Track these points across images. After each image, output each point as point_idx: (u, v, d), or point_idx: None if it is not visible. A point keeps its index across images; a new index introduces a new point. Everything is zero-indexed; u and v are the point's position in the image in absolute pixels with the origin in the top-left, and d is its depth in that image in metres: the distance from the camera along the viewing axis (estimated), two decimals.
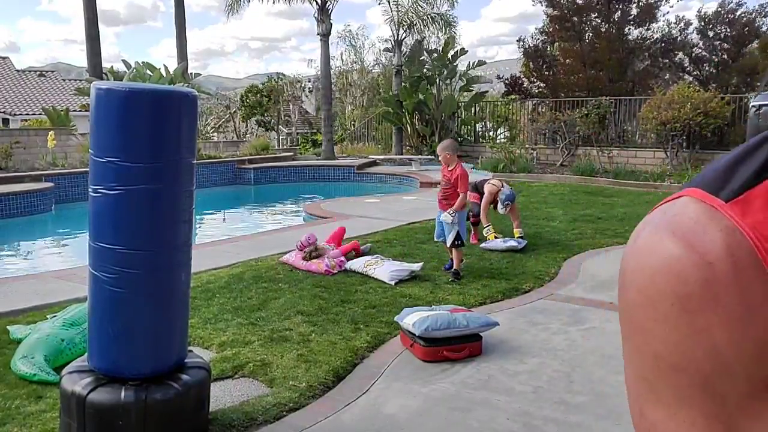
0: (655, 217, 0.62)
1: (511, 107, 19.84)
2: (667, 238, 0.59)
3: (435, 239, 6.37)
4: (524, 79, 20.48)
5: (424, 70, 18.89)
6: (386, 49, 21.76)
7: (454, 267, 5.99)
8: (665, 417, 0.60)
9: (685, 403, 0.59)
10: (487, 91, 20.70)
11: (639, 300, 0.60)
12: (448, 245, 6.02)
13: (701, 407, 0.58)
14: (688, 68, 19.14)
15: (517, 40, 20.54)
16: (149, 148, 2.84)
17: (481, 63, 19.88)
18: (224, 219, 13.02)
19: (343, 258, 6.43)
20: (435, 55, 18.75)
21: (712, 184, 0.60)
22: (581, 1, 18.99)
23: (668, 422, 0.60)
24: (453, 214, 5.85)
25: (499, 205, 7.43)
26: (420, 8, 19.21)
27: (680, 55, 19.13)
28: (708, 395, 0.58)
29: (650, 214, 0.63)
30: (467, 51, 19.92)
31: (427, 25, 19.41)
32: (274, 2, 18.31)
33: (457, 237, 5.89)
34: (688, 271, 0.56)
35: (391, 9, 19.14)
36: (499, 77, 22.14)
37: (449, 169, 5.91)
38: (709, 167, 0.62)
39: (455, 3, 19.55)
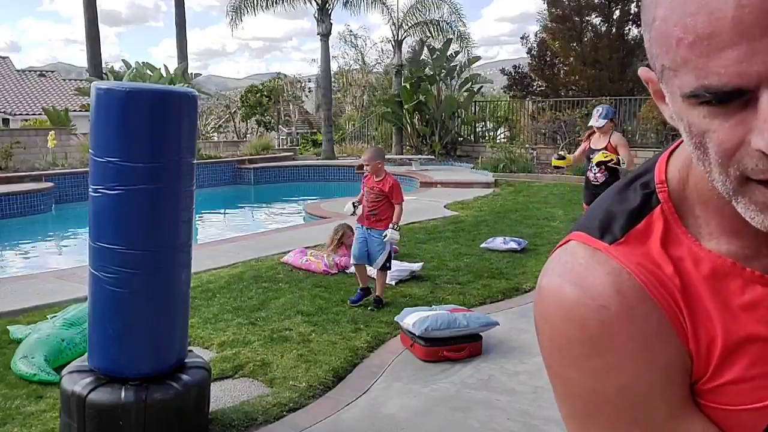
0: (551, 264, 0.66)
1: (511, 107, 19.85)
2: (563, 286, 0.63)
3: (355, 262, 5.30)
4: (530, 74, 20.47)
5: (426, 69, 18.88)
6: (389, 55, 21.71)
7: (377, 293, 5.21)
8: None
9: None
10: (482, 87, 20.66)
11: (551, 349, 0.65)
12: (378, 267, 5.18)
13: None
14: None
15: (521, 38, 20.63)
16: (149, 148, 2.84)
17: (476, 58, 19.85)
18: (224, 219, 13.02)
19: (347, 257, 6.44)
20: (436, 54, 18.72)
21: (595, 228, 0.65)
22: (583, 1, 19.01)
23: None
24: (398, 228, 5.17)
25: (594, 120, 5.88)
26: (420, 12, 19.18)
27: None
28: (633, 423, 0.61)
29: (548, 261, 0.67)
30: (480, 57, 19.99)
31: (433, 29, 19.36)
32: (271, 4, 18.32)
33: (387, 258, 5.20)
34: (585, 315, 0.61)
35: (389, 12, 19.15)
36: (503, 71, 22.14)
37: (378, 179, 5.19)
38: (590, 212, 0.68)
39: (459, 12, 19.48)
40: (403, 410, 3.51)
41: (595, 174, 5.84)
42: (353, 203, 5.39)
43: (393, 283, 5.80)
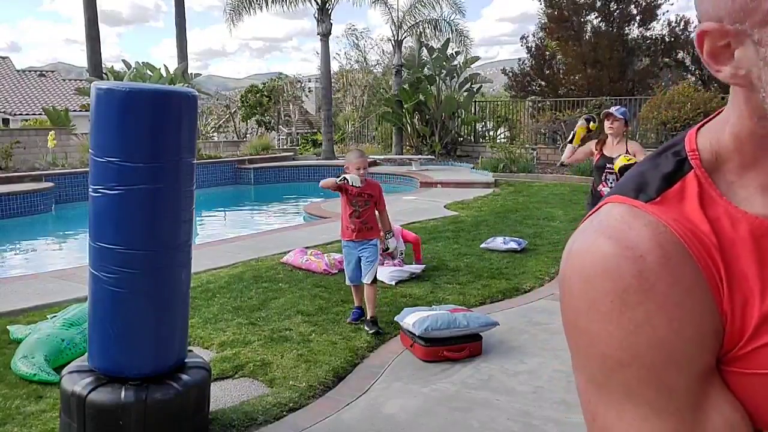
0: (584, 226, 0.66)
1: (511, 107, 19.85)
2: (598, 240, 0.62)
3: (351, 283, 4.84)
4: (531, 72, 20.48)
5: (425, 70, 18.88)
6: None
7: (371, 314, 4.66)
8: (616, 417, 0.61)
9: (635, 400, 0.60)
10: (481, 86, 20.66)
11: (581, 304, 0.62)
12: (370, 281, 4.67)
13: (651, 402, 0.60)
14: (690, 67, 19.14)
15: (521, 38, 20.66)
16: (149, 148, 2.84)
17: (475, 59, 19.86)
18: (224, 219, 13.03)
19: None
20: (436, 54, 18.71)
21: (629, 191, 0.65)
22: (579, 0, 19.01)
23: (619, 422, 0.61)
24: (392, 235, 4.89)
25: (614, 110, 5.21)
26: (420, 12, 19.18)
27: (682, 53, 19.14)
28: (655, 389, 0.59)
29: (579, 227, 0.67)
30: (479, 57, 20.01)
31: (432, 28, 19.36)
32: (271, 3, 18.32)
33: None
34: (622, 266, 0.59)
35: (389, 11, 19.15)
36: (504, 70, 22.15)
37: (362, 185, 4.64)
38: (623, 179, 0.68)
39: (461, 10, 19.48)
40: (403, 410, 3.51)
41: (611, 187, 5.11)
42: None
43: (393, 283, 5.80)
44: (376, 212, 4.81)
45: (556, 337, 4.57)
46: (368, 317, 4.67)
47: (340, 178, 4.59)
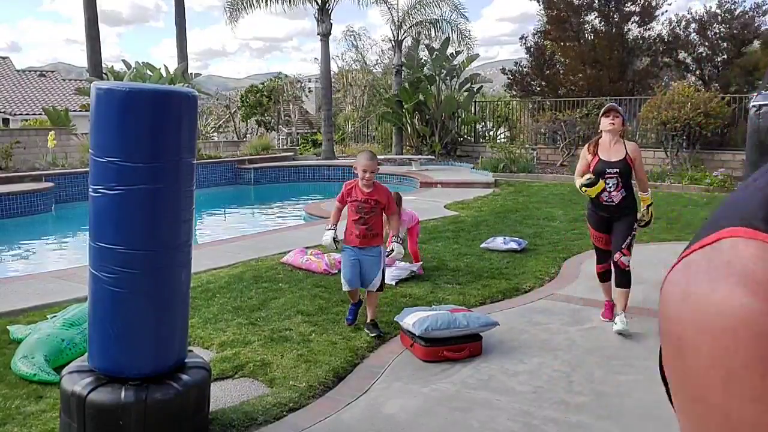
0: (701, 265, 0.49)
1: (510, 107, 19.85)
2: (733, 290, 0.46)
3: (349, 288, 4.67)
4: (531, 72, 20.49)
5: (425, 69, 18.88)
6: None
7: (371, 317, 4.64)
8: None
9: None
10: (481, 86, 20.65)
11: (713, 373, 0.48)
12: (376, 288, 4.64)
13: None
14: (691, 67, 19.14)
15: (520, 38, 20.67)
16: (149, 148, 2.84)
17: (475, 56, 19.86)
18: (224, 219, 13.02)
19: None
20: (435, 54, 18.70)
21: (758, 221, 0.48)
22: (578, 1, 19.00)
23: None
24: (401, 241, 4.80)
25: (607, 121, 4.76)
26: (420, 12, 19.17)
27: (682, 53, 19.13)
28: None
29: (689, 261, 0.50)
30: (479, 55, 20.03)
31: (433, 28, 19.36)
32: (270, 2, 18.31)
33: (383, 275, 4.69)
34: None
35: (389, 11, 19.14)
36: (503, 70, 22.15)
37: (369, 190, 4.54)
38: (741, 199, 0.51)
39: (461, 11, 19.49)
40: (403, 410, 3.51)
41: (610, 193, 4.66)
42: (334, 238, 4.60)
43: (393, 283, 5.79)
44: (384, 216, 4.73)
45: (556, 337, 4.57)
46: (368, 320, 4.65)
47: (335, 246, 4.66)
